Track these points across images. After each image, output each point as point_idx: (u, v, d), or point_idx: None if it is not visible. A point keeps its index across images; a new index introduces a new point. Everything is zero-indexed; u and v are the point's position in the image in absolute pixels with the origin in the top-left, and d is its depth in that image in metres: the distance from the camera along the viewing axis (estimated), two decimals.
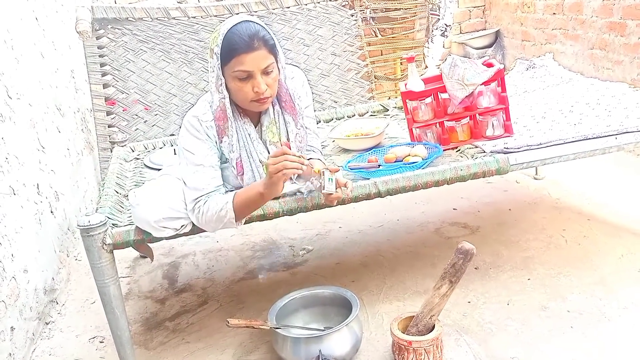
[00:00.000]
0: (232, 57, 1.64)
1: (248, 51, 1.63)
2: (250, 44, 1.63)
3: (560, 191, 3.00)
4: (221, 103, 1.72)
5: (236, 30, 1.63)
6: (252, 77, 1.67)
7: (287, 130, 1.85)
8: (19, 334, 2.05)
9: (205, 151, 1.74)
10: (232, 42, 1.63)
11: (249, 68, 1.65)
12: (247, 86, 1.68)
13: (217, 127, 1.75)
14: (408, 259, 2.54)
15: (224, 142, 1.77)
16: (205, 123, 1.74)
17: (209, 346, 2.10)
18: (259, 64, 1.66)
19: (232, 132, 1.75)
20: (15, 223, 2.17)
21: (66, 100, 3.19)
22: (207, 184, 1.72)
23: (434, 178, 1.90)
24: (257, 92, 1.68)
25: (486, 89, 2.08)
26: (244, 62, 1.64)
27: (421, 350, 1.77)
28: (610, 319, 1.96)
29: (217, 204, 1.70)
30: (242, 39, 1.63)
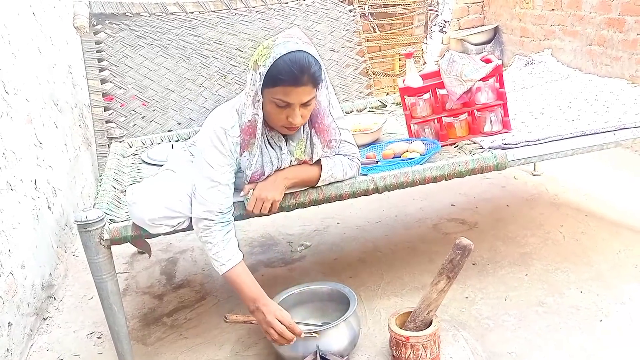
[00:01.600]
0: (276, 84, 1.59)
1: (295, 85, 1.59)
2: (299, 79, 1.58)
3: (558, 187, 3.00)
4: (253, 119, 1.68)
5: (289, 60, 1.57)
6: (290, 108, 1.64)
7: (313, 152, 1.81)
8: (16, 330, 2.05)
9: (225, 168, 1.71)
10: (281, 71, 1.57)
11: (291, 101, 1.61)
12: (283, 114, 1.65)
13: (242, 140, 1.71)
14: (406, 254, 2.54)
15: (244, 157, 1.73)
16: (232, 139, 1.70)
17: (206, 342, 2.11)
18: (302, 98, 1.62)
19: (255, 151, 1.71)
20: (12, 219, 2.16)
21: (63, 96, 3.18)
22: (220, 204, 1.71)
23: (432, 174, 1.90)
24: (290, 122, 1.66)
25: (484, 85, 2.08)
26: (287, 94, 1.60)
27: (419, 346, 1.77)
28: (607, 314, 1.97)
29: (218, 252, 1.73)
30: (293, 72, 1.57)
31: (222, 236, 1.72)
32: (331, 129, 1.78)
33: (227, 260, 1.73)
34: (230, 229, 1.75)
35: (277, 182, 1.78)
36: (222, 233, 1.72)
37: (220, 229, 1.72)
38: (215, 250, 1.72)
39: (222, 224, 1.72)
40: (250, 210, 1.77)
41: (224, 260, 1.73)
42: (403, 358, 1.80)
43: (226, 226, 1.74)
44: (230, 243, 1.75)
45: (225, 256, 1.73)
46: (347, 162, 1.87)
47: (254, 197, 1.77)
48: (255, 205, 1.76)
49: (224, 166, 1.71)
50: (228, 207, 1.73)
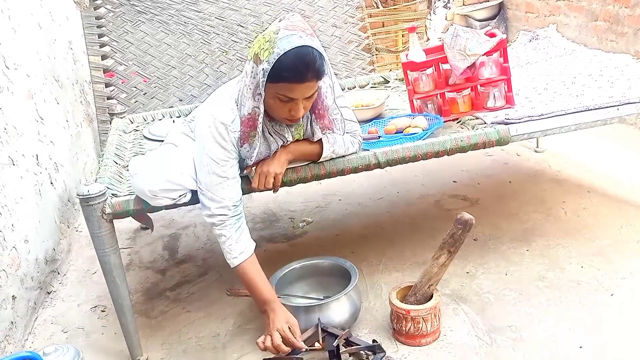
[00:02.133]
0: (280, 81, 1.56)
1: (300, 82, 1.56)
2: (304, 75, 1.55)
3: (561, 164, 2.99)
4: (254, 112, 1.65)
5: (293, 57, 1.53)
6: (294, 102, 1.61)
7: (313, 135, 1.80)
8: (20, 303, 2.07)
9: (230, 162, 1.70)
10: (285, 69, 1.54)
11: (294, 97, 1.59)
12: (285, 107, 1.63)
13: (242, 132, 1.69)
14: (407, 230, 2.55)
15: (244, 148, 1.71)
16: (234, 134, 1.68)
17: (209, 315, 2.13)
18: (305, 93, 1.60)
19: (256, 143, 1.69)
20: (15, 193, 2.17)
21: (64, 72, 3.17)
22: (231, 199, 1.70)
23: (434, 149, 1.89)
24: (293, 115, 1.64)
25: (488, 60, 2.06)
26: (291, 90, 1.58)
27: (419, 319, 1.79)
28: (608, 289, 1.98)
29: (231, 245, 1.73)
30: (298, 69, 1.54)
31: (235, 229, 1.73)
32: (332, 114, 1.76)
33: (240, 253, 1.73)
34: (243, 220, 1.76)
35: (278, 156, 1.78)
36: (237, 226, 1.73)
37: (235, 222, 1.72)
38: (229, 243, 1.73)
39: (236, 217, 1.73)
40: (255, 186, 1.77)
41: (236, 253, 1.73)
42: (403, 331, 1.82)
43: (240, 218, 1.74)
44: (243, 234, 1.75)
45: (238, 249, 1.73)
46: (348, 139, 1.86)
47: (257, 173, 1.77)
48: (259, 181, 1.77)
49: (229, 160, 1.69)
50: (239, 199, 1.73)
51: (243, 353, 1.90)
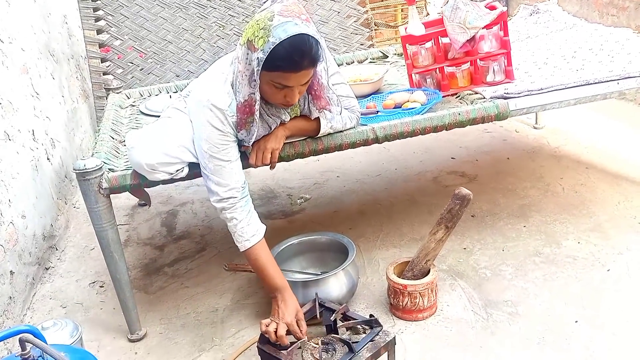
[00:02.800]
0: (276, 69, 1.53)
1: (295, 71, 1.53)
2: (299, 64, 1.52)
3: (560, 140, 2.98)
4: (250, 98, 1.61)
5: (289, 46, 1.48)
6: (289, 89, 1.59)
7: (310, 112, 1.78)
8: (18, 278, 2.07)
9: (230, 144, 1.67)
10: (280, 58, 1.50)
11: (290, 84, 1.57)
12: (280, 93, 1.61)
13: (239, 118, 1.66)
14: (405, 207, 2.55)
15: (241, 133, 1.69)
16: (231, 118, 1.65)
17: (207, 290, 2.13)
18: (301, 81, 1.58)
19: (253, 130, 1.67)
20: (11, 168, 2.16)
21: (59, 46, 3.13)
22: (237, 181, 1.68)
23: (433, 124, 1.88)
24: (288, 101, 1.62)
25: (488, 33, 2.03)
26: (287, 79, 1.55)
27: (416, 294, 1.80)
28: (604, 264, 1.99)
29: (243, 228, 1.70)
30: (293, 59, 1.51)
31: (247, 211, 1.71)
32: (328, 94, 1.72)
33: (252, 235, 1.71)
34: (250, 202, 1.74)
35: (274, 131, 1.77)
36: (247, 208, 1.71)
37: (244, 204, 1.70)
38: (240, 226, 1.70)
39: (244, 199, 1.71)
40: (253, 162, 1.76)
41: (248, 235, 1.71)
42: (400, 306, 1.83)
43: (248, 201, 1.73)
44: (254, 216, 1.73)
45: (250, 231, 1.71)
46: (346, 114, 1.85)
47: (254, 149, 1.76)
48: (256, 156, 1.76)
49: (228, 144, 1.67)
50: (244, 180, 1.72)
51: (241, 327, 1.91)
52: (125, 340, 1.92)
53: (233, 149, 1.69)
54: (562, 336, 1.69)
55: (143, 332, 1.93)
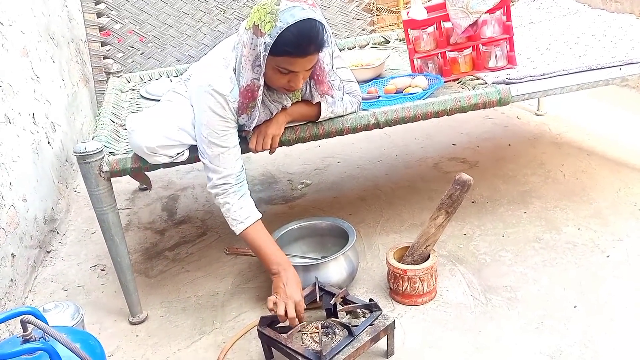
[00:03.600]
0: (282, 54, 1.53)
1: (302, 56, 1.53)
2: (306, 50, 1.52)
3: (561, 127, 2.98)
4: (252, 83, 1.61)
5: (296, 32, 1.48)
6: (294, 74, 1.59)
7: (312, 96, 1.77)
8: (20, 261, 2.08)
9: (230, 131, 1.67)
10: (288, 43, 1.50)
11: (295, 70, 1.57)
12: (285, 78, 1.60)
13: (241, 103, 1.65)
14: (406, 193, 2.55)
15: (242, 118, 1.69)
16: (233, 104, 1.64)
17: (208, 275, 2.14)
18: (306, 66, 1.58)
19: (255, 114, 1.66)
20: (12, 152, 2.16)
21: (59, 30, 3.11)
22: (233, 167, 1.68)
23: (434, 109, 1.88)
24: (292, 86, 1.62)
25: (491, 18, 2.02)
26: (293, 64, 1.55)
27: (416, 279, 1.80)
28: (603, 250, 1.99)
29: (236, 211, 1.70)
30: (301, 44, 1.51)
31: (239, 196, 1.71)
32: (331, 79, 1.72)
33: (246, 217, 1.71)
34: (246, 188, 1.74)
35: (275, 116, 1.77)
36: (240, 193, 1.71)
37: (237, 189, 1.70)
38: (233, 210, 1.70)
39: (238, 184, 1.71)
40: (253, 147, 1.76)
41: (242, 217, 1.71)
42: (400, 290, 1.84)
43: (242, 186, 1.72)
44: (248, 201, 1.73)
45: (244, 214, 1.71)
46: (347, 99, 1.84)
47: (255, 134, 1.76)
48: (256, 142, 1.76)
49: (228, 130, 1.67)
50: (241, 167, 1.72)
51: (241, 311, 1.92)
52: (127, 323, 1.93)
53: (232, 136, 1.69)
54: (560, 321, 1.70)
55: (144, 315, 1.94)
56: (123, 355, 1.79)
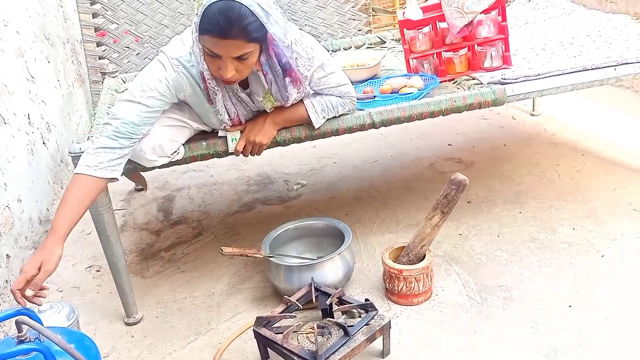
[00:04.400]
0: (205, 33, 1.49)
1: (221, 37, 1.47)
2: (225, 31, 1.46)
3: (556, 127, 2.99)
4: (200, 67, 1.60)
5: (217, 9, 1.44)
6: (221, 59, 1.53)
7: (287, 99, 1.73)
8: (15, 262, 2.07)
9: (159, 97, 1.63)
10: (208, 20, 1.46)
11: (218, 52, 1.51)
12: (215, 64, 1.55)
13: (204, 89, 1.66)
14: (401, 193, 2.55)
15: (213, 107, 1.70)
16: (178, 71, 1.62)
17: (203, 275, 2.14)
18: (231, 52, 1.50)
19: (218, 105, 1.68)
20: (7, 152, 2.15)
21: (55, 30, 3.10)
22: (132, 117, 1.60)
23: (430, 109, 1.88)
24: (221, 74, 1.56)
25: (486, 18, 2.03)
26: (215, 45, 1.49)
27: (411, 279, 1.81)
28: (598, 249, 2.00)
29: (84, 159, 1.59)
30: (219, 22, 1.45)
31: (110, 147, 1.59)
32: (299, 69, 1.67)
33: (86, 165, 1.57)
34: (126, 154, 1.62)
35: (266, 126, 1.77)
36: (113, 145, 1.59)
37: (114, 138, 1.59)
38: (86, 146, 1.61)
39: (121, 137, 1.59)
40: (240, 149, 1.76)
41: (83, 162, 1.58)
42: (396, 290, 1.84)
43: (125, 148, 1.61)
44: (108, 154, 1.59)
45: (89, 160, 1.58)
46: (336, 100, 1.82)
47: (244, 138, 1.76)
48: (244, 146, 1.76)
49: (158, 94, 1.63)
50: (140, 131, 1.62)
51: (237, 312, 1.92)
52: (122, 324, 1.93)
53: (156, 101, 1.63)
54: (555, 320, 1.71)
55: (139, 316, 1.94)
56: (118, 356, 1.79)
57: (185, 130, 1.78)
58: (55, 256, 1.47)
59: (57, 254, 1.48)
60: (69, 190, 1.57)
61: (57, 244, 1.49)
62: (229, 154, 1.81)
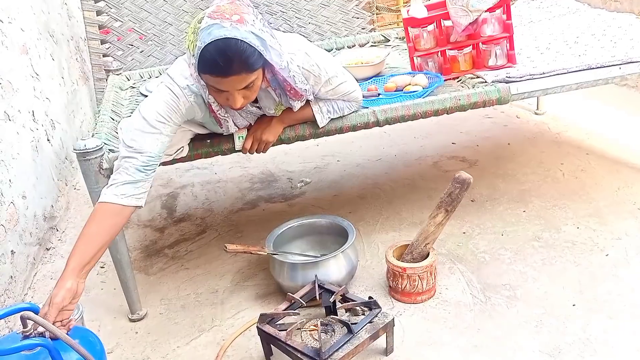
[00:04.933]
0: (206, 73, 1.48)
1: (223, 75, 1.46)
2: (226, 70, 1.45)
3: (561, 126, 2.98)
4: (206, 100, 1.62)
5: (213, 50, 1.42)
6: (228, 92, 1.52)
7: (293, 107, 1.75)
8: (19, 258, 2.08)
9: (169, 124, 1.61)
10: (206, 62, 1.45)
11: (224, 89, 1.51)
12: (222, 96, 1.55)
13: (212, 116, 1.68)
14: (405, 191, 2.55)
15: (223, 129, 1.74)
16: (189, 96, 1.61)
17: (207, 272, 2.14)
18: (236, 86, 1.50)
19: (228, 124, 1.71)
20: (11, 149, 2.16)
21: (59, 27, 3.11)
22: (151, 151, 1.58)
23: (434, 107, 1.88)
24: (230, 105, 1.55)
25: (491, 16, 2.02)
26: (219, 83, 1.49)
27: (415, 277, 1.81)
28: (602, 249, 1.99)
29: (109, 189, 1.56)
30: (218, 63, 1.43)
31: (133, 179, 1.57)
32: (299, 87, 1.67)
33: (113, 194, 1.54)
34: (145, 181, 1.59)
35: (272, 124, 1.79)
36: (136, 177, 1.57)
37: (137, 171, 1.57)
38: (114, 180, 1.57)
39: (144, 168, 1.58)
40: (247, 147, 1.77)
41: (111, 191, 1.55)
42: (399, 288, 1.84)
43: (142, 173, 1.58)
44: (133, 187, 1.57)
45: (117, 190, 1.55)
46: (343, 103, 1.82)
47: (250, 136, 1.77)
48: (251, 144, 1.77)
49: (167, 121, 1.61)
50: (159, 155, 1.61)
51: (241, 309, 1.92)
52: (126, 320, 1.93)
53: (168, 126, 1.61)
54: (559, 319, 1.71)
55: (143, 313, 1.94)
56: (122, 352, 1.80)
57: (188, 133, 1.78)
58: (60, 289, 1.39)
59: (64, 287, 1.39)
60: (89, 222, 1.52)
61: (64, 278, 1.41)
62: (234, 151, 1.81)
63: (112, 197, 1.54)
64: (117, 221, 1.55)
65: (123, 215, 1.56)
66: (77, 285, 1.42)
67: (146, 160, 1.57)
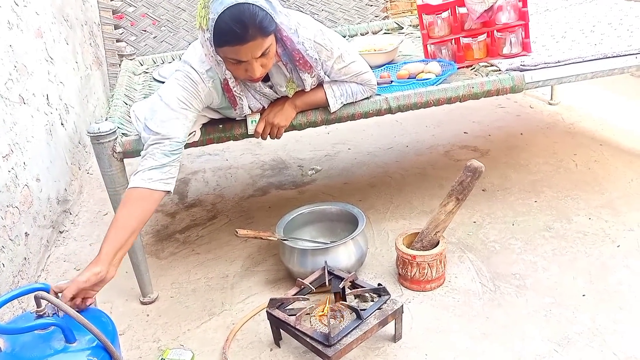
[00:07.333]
0: (223, 45, 1.48)
1: (242, 43, 1.46)
2: (244, 36, 1.45)
3: (575, 116, 2.95)
4: (223, 78, 1.62)
5: (228, 19, 1.43)
6: (247, 63, 1.53)
7: (304, 84, 1.74)
8: (33, 240, 2.11)
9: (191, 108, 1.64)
10: (223, 32, 1.45)
11: (243, 58, 1.51)
12: (241, 68, 1.55)
13: (227, 96, 1.68)
14: (416, 180, 2.55)
15: (237, 110, 1.73)
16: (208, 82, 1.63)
17: (218, 257, 2.16)
18: (254, 52, 1.50)
19: (243, 104, 1.70)
20: (26, 132, 2.18)
21: (73, 12, 3.12)
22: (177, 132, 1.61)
23: (447, 95, 1.87)
24: (250, 76, 1.57)
25: (506, 4, 2.00)
26: (237, 52, 1.49)
27: (424, 265, 1.81)
28: (614, 240, 1.98)
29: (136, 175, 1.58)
30: (235, 31, 1.44)
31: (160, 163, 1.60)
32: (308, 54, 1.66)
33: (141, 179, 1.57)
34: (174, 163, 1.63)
35: (285, 108, 1.78)
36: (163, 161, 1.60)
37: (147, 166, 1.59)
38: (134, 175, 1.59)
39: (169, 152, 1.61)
40: (260, 131, 1.77)
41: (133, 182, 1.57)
42: (409, 276, 1.84)
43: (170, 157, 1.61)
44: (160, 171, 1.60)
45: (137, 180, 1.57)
46: (357, 87, 1.82)
47: (263, 120, 1.77)
48: (264, 129, 1.77)
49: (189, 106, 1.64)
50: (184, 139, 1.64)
51: (250, 294, 1.94)
52: (138, 303, 1.96)
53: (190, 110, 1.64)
54: (568, 309, 1.70)
55: (155, 296, 1.97)
56: (134, 334, 1.82)
57: (202, 118, 1.79)
58: (87, 271, 1.42)
59: (91, 270, 1.43)
60: (120, 208, 1.55)
61: (95, 262, 1.46)
62: (247, 136, 1.82)
63: (140, 181, 1.57)
64: (146, 206, 1.57)
65: (152, 200, 1.58)
66: (107, 272, 1.45)
67: (173, 144, 1.61)
